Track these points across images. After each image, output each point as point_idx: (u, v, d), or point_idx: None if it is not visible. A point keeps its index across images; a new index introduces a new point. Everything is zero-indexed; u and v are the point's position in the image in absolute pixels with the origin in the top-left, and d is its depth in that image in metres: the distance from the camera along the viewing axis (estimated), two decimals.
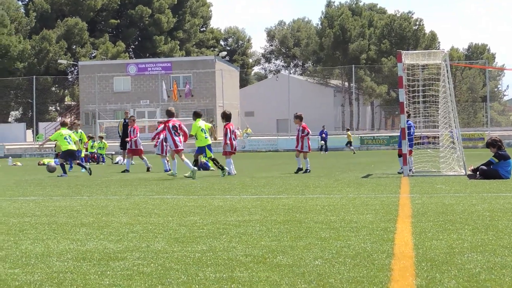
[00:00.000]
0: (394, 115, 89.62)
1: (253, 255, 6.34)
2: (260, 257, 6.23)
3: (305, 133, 21.90)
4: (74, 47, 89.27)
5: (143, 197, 13.30)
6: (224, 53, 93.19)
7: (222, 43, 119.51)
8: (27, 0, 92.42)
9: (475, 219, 8.62)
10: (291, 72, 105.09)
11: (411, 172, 18.78)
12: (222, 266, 5.86)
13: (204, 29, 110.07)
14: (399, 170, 19.45)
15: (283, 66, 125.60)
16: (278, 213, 9.78)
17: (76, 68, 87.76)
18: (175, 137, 20.35)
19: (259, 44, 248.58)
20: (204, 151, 20.85)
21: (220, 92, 72.64)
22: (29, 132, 76.10)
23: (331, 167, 25.40)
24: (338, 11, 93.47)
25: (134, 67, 79.56)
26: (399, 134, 19.80)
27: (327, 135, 51.15)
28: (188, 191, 14.65)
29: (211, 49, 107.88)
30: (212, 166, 22.88)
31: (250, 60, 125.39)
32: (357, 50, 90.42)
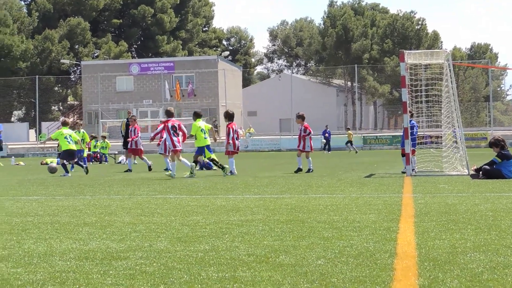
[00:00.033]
0: (397, 114, 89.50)
1: (256, 254, 6.34)
2: (263, 256, 6.22)
3: (306, 132, 21.91)
4: (76, 46, 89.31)
5: (145, 196, 13.31)
6: (227, 52, 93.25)
7: (224, 42, 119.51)
8: (29, 0, 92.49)
9: (478, 219, 8.61)
10: (293, 71, 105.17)
11: (414, 172, 18.76)
12: (225, 265, 5.86)
13: (207, 28, 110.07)
14: (403, 169, 19.43)
15: (285, 65, 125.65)
16: (280, 212, 9.77)
17: (79, 67, 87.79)
18: (173, 137, 20.29)
19: (261, 44, 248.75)
20: (203, 152, 20.86)
21: (223, 91, 72.66)
22: (32, 132, 76.15)
23: (334, 166, 25.39)
24: (340, 11, 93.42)
25: (137, 66, 79.58)
26: (402, 134, 19.79)
27: (330, 135, 51.16)
28: (191, 190, 14.65)
29: (214, 48, 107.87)
30: (214, 166, 22.89)
31: (253, 60, 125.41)
32: (359, 49, 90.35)
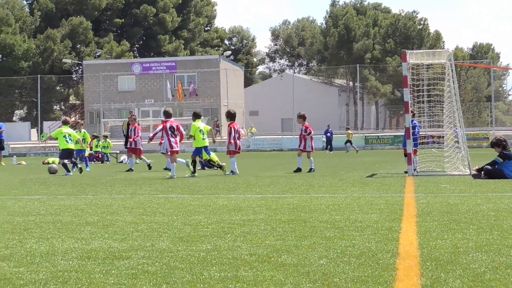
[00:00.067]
0: (399, 114, 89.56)
1: (258, 254, 6.34)
2: (265, 256, 6.22)
3: (307, 132, 21.92)
4: (78, 46, 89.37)
5: (147, 196, 13.31)
6: (229, 52, 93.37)
7: (226, 42, 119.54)
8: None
9: (480, 218, 8.60)
10: (295, 71, 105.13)
11: (415, 172, 18.75)
12: (227, 265, 5.86)
13: (209, 28, 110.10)
14: (406, 169, 19.42)
15: (287, 65, 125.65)
16: (282, 212, 9.77)
17: (81, 67, 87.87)
18: (171, 138, 20.26)
19: (263, 44, 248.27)
20: (200, 152, 20.86)
21: (225, 91, 72.69)
22: (33, 131, 76.16)
23: (335, 166, 25.38)
24: (342, 11, 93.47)
25: (139, 66, 79.60)
26: (403, 134, 19.77)
27: (332, 135, 51.13)
28: (193, 190, 14.65)
29: (216, 48, 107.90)
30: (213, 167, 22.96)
31: (255, 60, 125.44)
32: (361, 49, 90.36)
